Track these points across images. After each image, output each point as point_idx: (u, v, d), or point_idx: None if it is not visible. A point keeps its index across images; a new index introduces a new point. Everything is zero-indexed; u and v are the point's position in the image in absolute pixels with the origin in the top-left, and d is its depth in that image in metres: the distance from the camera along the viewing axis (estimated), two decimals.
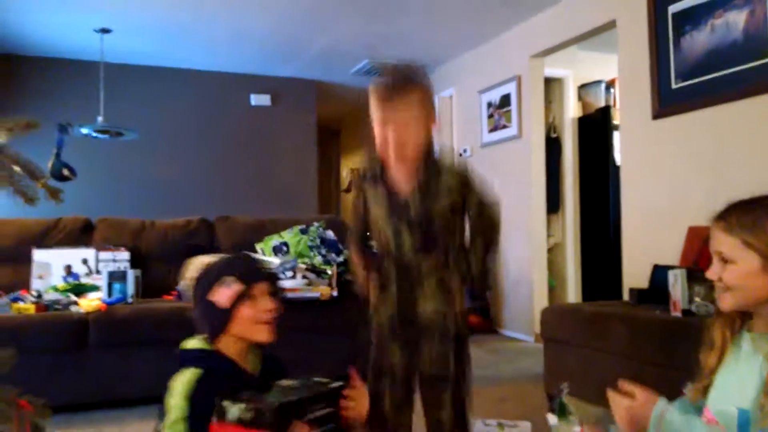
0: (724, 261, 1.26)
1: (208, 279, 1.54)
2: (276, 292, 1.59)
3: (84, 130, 4.90)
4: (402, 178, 1.83)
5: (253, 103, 6.40)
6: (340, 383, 1.54)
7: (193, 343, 1.55)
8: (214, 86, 6.24)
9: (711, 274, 1.30)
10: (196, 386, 1.40)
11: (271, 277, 1.61)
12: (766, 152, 3.04)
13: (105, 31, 4.99)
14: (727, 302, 1.29)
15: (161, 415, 1.44)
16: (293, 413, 1.34)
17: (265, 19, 4.85)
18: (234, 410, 1.32)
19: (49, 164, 4.36)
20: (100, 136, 5.01)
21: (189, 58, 5.85)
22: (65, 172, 4.36)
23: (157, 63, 5.94)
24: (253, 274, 1.56)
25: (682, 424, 1.25)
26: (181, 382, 1.40)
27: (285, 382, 1.51)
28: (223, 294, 1.49)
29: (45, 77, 5.47)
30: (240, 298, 1.50)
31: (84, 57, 5.50)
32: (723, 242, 1.27)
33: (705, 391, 1.34)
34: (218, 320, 1.50)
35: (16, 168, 1.15)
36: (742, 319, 1.33)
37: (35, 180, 1.20)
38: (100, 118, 4.98)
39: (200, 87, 6.18)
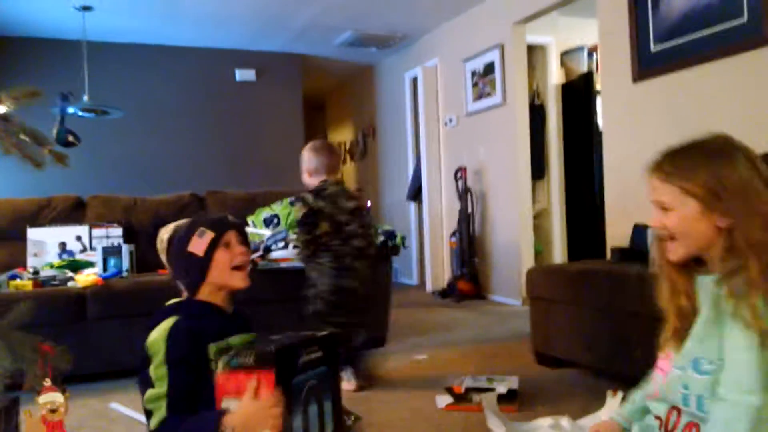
0: (665, 209, 1.29)
1: (183, 234, 1.63)
2: (245, 240, 1.70)
3: (69, 109, 4.90)
4: None
5: (238, 78, 6.40)
6: (330, 331, 1.66)
7: (170, 302, 1.65)
8: (198, 62, 6.23)
9: (653, 222, 1.33)
10: (173, 330, 1.49)
11: (239, 226, 1.72)
12: (744, 110, 3.13)
13: (86, 8, 4.96)
14: (676, 252, 1.30)
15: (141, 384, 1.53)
16: (290, 356, 1.43)
17: None
18: (236, 358, 1.41)
19: (54, 131, 4.43)
20: (85, 114, 5.01)
21: (173, 34, 5.83)
22: (70, 138, 4.44)
23: (141, 40, 5.92)
24: (223, 223, 1.66)
25: None
26: (161, 329, 1.50)
27: (275, 335, 1.61)
28: (199, 244, 1.59)
29: (28, 57, 5.44)
30: (214, 245, 1.60)
31: (66, 36, 5.46)
32: (661, 191, 1.29)
33: (675, 338, 1.35)
34: (198, 269, 1.60)
35: (23, 135, 1.21)
36: (691, 268, 1.34)
37: (42, 146, 1.27)
38: (85, 97, 4.98)
39: (185, 63, 6.17)
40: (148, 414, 1.49)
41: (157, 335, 1.51)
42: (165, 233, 1.68)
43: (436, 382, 2.69)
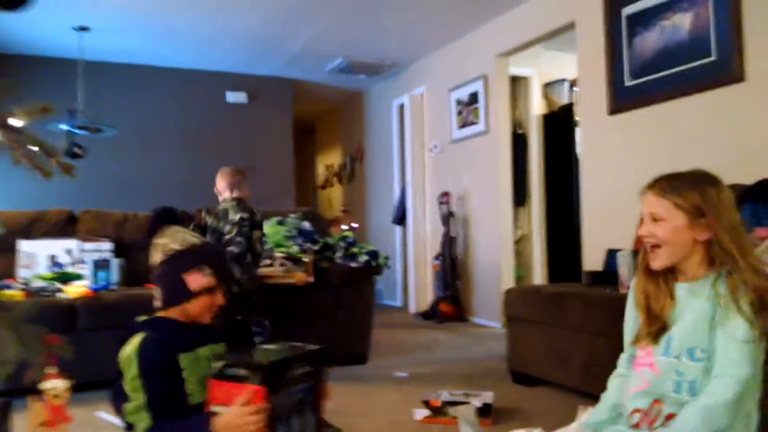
0: (656, 221, 1.51)
1: (189, 260, 1.71)
2: (227, 293, 1.83)
3: (63, 126, 5.00)
4: None
5: (229, 100, 6.54)
6: (318, 346, 1.75)
7: (138, 319, 1.75)
8: (191, 84, 6.37)
9: (643, 231, 1.55)
10: (144, 344, 1.58)
11: (231, 280, 1.83)
12: (711, 143, 3.31)
13: (84, 29, 5.10)
14: (659, 259, 1.52)
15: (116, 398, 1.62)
16: (281, 370, 1.53)
17: (243, 18, 5.01)
18: (228, 369, 1.50)
19: (62, 144, 4.65)
20: (79, 132, 5.11)
21: (167, 55, 5.97)
22: (76, 150, 4.70)
23: (136, 60, 6.06)
24: (224, 273, 1.80)
25: None
26: (132, 344, 1.59)
27: (267, 346, 1.71)
28: (197, 280, 1.69)
29: (26, 74, 5.55)
30: (207, 289, 1.71)
31: (63, 55, 5.59)
32: (655, 204, 1.52)
33: (648, 336, 1.54)
34: (181, 296, 1.71)
35: (34, 147, 1.32)
36: (664, 277, 1.56)
37: (50, 157, 1.37)
38: (67, 121, 5.07)
39: (178, 84, 6.31)
40: (130, 427, 1.57)
41: (129, 351, 1.60)
42: (172, 241, 1.74)
43: (414, 397, 2.79)
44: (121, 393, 1.58)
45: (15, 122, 1.31)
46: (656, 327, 1.53)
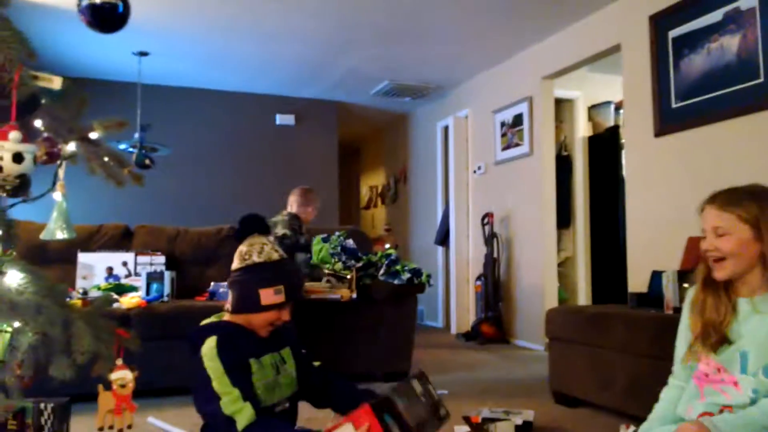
0: (719, 235, 1.54)
1: (266, 275, 1.78)
2: (293, 312, 1.90)
3: (122, 146, 5.25)
4: None
5: (278, 122, 6.74)
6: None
7: (206, 321, 1.83)
8: (242, 106, 6.60)
9: (706, 245, 1.57)
10: (219, 347, 1.66)
11: (299, 300, 1.90)
12: (757, 166, 3.26)
13: (143, 54, 5.37)
14: (724, 270, 1.54)
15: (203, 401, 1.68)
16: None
17: (292, 44, 5.19)
18: (388, 414, 1.54)
19: (134, 156, 4.93)
20: (136, 151, 5.34)
21: (220, 79, 6.21)
22: (147, 161, 4.98)
23: (190, 84, 6.32)
24: (296, 293, 1.85)
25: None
26: (208, 348, 1.67)
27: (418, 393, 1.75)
28: (270, 296, 1.76)
29: (88, 97, 5.83)
30: (275, 306, 1.78)
31: (123, 78, 5.88)
32: (719, 218, 1.55)
33: (713, 346, 1.55)
34: (250, 307, 1.78)
35: (107, 158, 1.44)
36: (725, 290, 1.58)
37: (122, 167, 1.50)
38: (136, 135, 5.32)
39: (229, 106, 6.55)
40: (231, 421, 1.60)
41: (207, 352, 1.67)
42: (257, 253, 1.80)
43: (455, 414, 2.80)
44: (205, 391, 1.63)
45: (93, 135, 1.44)
46: (715, 338, 1.54)
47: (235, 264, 1.82)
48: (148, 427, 2.76)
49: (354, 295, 3.67)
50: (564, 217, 5.53)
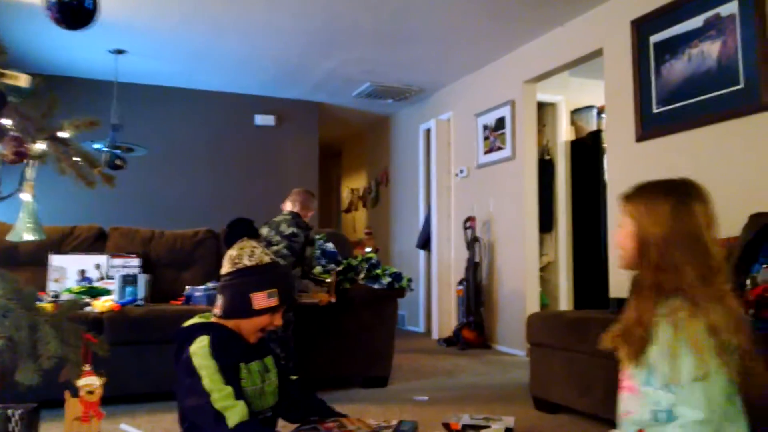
0: (619, 226, 1.55)
1: (258, 279, 1.75)
2: (288, 309, 1.83)
3: (96, 146, 5.13)
4: None
5: (257, 122, 6.66)
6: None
7: (192, 321, 1.77)
8: (221, 106, 6.51)
9: (615, 237, 1.59)
10: (213, 346, 1.61)
11: (292, 305, 1.87)
12: (738, 172, 3.27)
13: (119, 52, 5.27)
14: (619, 261, 1.56)
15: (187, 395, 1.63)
16: None
17: (273, 44, 5.13)
18: None
19: (105, 156, 4.86)
20: (107, 150, 5.24)
21: (198, 78, 6.12)
22: (117, 161, 4.93)
23: (168, 83, 6.22)
24: (289, 299, 1.83)
25: None
26: (199, 347, 1.62)
27: None
28: (263, 300, 1.73)
29: (63, 95, 5.69)
30: (268, 310, 1.74)
31: (99, 77, 5.77)
32: (622, 212, 1.55)
33: (615, 338, 1.52)
34: (243, 312, 1.74)
35: (77, 158, 1.38)
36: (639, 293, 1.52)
37: (93, 167, 1.44)
38: (110, 135, 5.21)
39: (207, 106, 6.46)
40: (221, 416, 1.55)
41: (199, 351, 1.62)
42: (247, 257, 1.75)
43: (434, 421, 2.76)
44: (193, 390, 1.59)
45: (63, 134, 1.39)
46: (626, 350, 1.48)
47: (226, 268, 1.78)
48: None
49: (333, 300, 3.62)
50: (546, 222, 5.53)
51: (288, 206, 3.65)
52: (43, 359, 1.40)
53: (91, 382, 1.61)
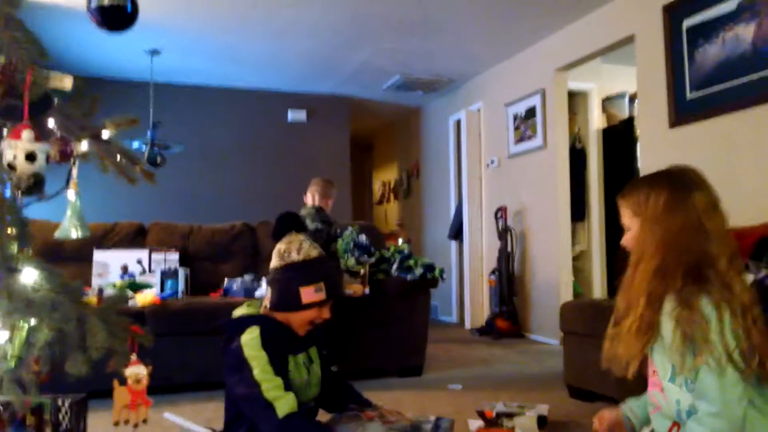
0: (627, 230, 1.51)
1: (306, 274, 1.79)
2: (333, 308, 1.89)
3: (135, 144, 5.28)
4: None
5: (289, 118, 6.75)
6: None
7: (240, 311, 1.83)
8: (254, 103, 6.62)
9: (623, 242, 1.55)
10: (264, 336, 1.66)
11: (339, 297, 1.90)
12: None
13: (155, 52, 5.39)
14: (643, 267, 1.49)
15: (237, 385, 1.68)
16: None
17: (303, 39, 5.19)
18: None
19: (145, 153, 5.00)
20: (147, 149, 5.38)
21: (231, 76, 6.23)
22: (158, 159, 5.06)
23: (202, 82, 6.34)
24: (337, 290, 1.86)
25: None
26: (250, 338, 1.67)
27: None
28: (310, 295, 1.77)
29: (101, 96, 5.88)
30: (316, 304, 1.78)
31: (135, 77, 5.92)
32: (623, 215, 1.52)
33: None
34: (291, 305, 1.78)
35: (119, 156, 1.46)
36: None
37: (135, 165, 1.51)
38: (149, 133, 5.35)
39: (241, 103, 6.57)
40: (270, 406, 1.61)
41: (251, 342, 1.68)
42: (296, 251, 1.80)
43: (468, 409, 2.80)
44: (243, 379, 1.64)
45: (105, 134, 1.46)
46: (642, 343, 1.48)
47: (275, 262, 1.82)
48: (165, 423, 2.78)
49: (367, 291, 3.68)
50: (578, 211, 5.49)
51: (309, 199, 3.71)
52: (92, 350, 1.47)
53: (138, 371, 1.69)
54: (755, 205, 3.21)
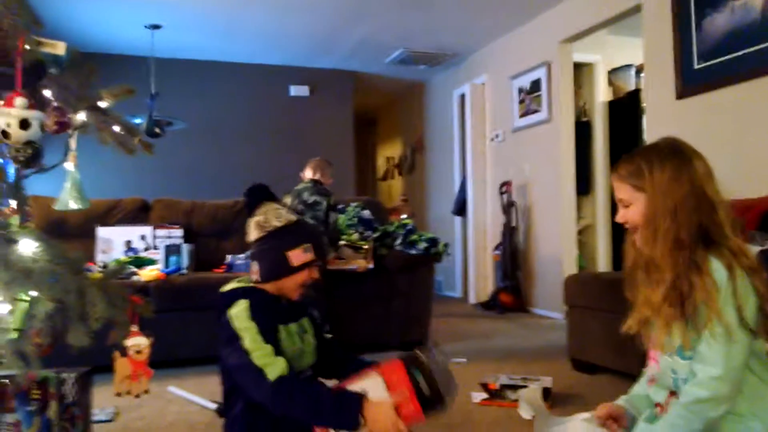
0: (625, 206, 1.47)
1: (292, 237, 1.78)
2: (321, 268, 1.85)
3: (137, 120, 5.25)
4: None
5: (292, 93, 6.69)
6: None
7: (231, 285, 1.82)
8: (255, 78, 6.56)
9: (619, 218, 1.50)
10: (253, 309, 1.65)
11: (326, 256, 1.89)
12: None
13: (155, 27, 5.34)
14: (639, 240, 1.47)
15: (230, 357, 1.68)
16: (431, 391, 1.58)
17: (305, 13, 5.12)
18: (417, 372, 1.55)
19: (143, 124, 4.91)
20: (145, 120, 5.33)
21: (233, 51, 6.17)
22: (156, 130, 4.96)
23: (203, 57, 6.29)
24: (322, 251, 1.86)
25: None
26: (240, 310, 1.66)
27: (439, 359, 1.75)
28: (299, 256, 1.76)
29: (101, 71, 5.84)
30: (306, 265, 1.78)
31: (136, 52, 5.86)
32: (619, 190, 1.47)
33: (642, 323, 1.50)
34: (282, 272, 1.77)
35: (117, 127, 1.44)
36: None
37: (133, 136, 1.49)
38: (148, 102, 5.30)
39: (243, 79, 6.52)
40: (261, 373, 1.59)
41: (240, 314, 1.66)
42: (275, 218, 1.80)
43: (472, 382, 2.81)
44: (234, 351, 1.63)
45: (102, 104, 1.44)
46: (638, 317, 1.49)
47: (255, 234, 1.81)
48: (169, 396, 2.81)
49: (370, 266, 3.67)
50: (583, 185, 5.46)
51: (308, 174, 3.71)
52: (92, 321, 1.47)
53: (138, 342, 1.69)
54: (762, 177, 3.18)
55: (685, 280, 1.34)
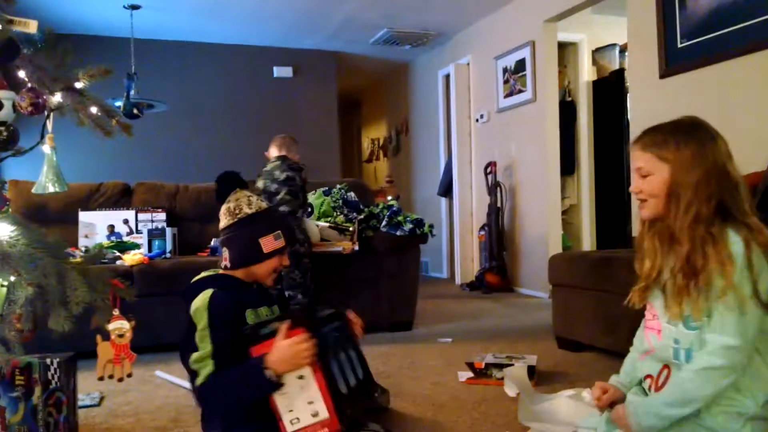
0: (643, 176, 1.49)
1: (263, 224, 1.80)
2: (290, 255, 1.93)
3: (117, 103, 5.16)
4: None
5: (275, 74, 6.62)
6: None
7: (201, 276, 1.81)
8: (238, 59, 6.47)
9: (633, 187, 1.53)
10: (213, 299, 1.65)
11: (296, 242, 1.91)
12: (766, 105, 3.18)
13: (134, 7, 5.23)
14: (646, 210, 1.50)
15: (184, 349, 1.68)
16: (309, 312, 1.66)
17: None
18: (261, 330, 1.61)
19: (121, 105, 4.80)
20: (123, 100, 5.25)
21: (214, 32, 6.07)
22: (135, 111, 4.85)
23: (184, 38, 6.19)
24: (293, 237, 1.90)
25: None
26: (200, 301, 1.66)
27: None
28: (271, 243, 1.78)
29: (79, 53, 5.72)
30: (277, 251, 1.80)
31: (115, 33, 5.76)
32: (641, 159, 1.49)
33: (643, 293, 1.55)
34: (253, 258, 1.79)
35: (94, 108, 1.40)
36: (659, 234, 1.51)
37: (111, 117, 1.46)
38: (132, 91, 5.23)
39: (225, 60, 6.43)
40: (193, 374, 1.63)
41: (199, 304, 1.67)
42: (246, 205, 1.80)
43: (458, 361, 2.82)
44: (188, 345, 1.64)
45: (78, 85, 1.41)
46: (641, 286, 1.53)
47: (226, 221, 1.81)
48: (156, 381, 2.79)
49: (356, 248, 3.66)
50: (568, 164, 5.47)
51: (274, 152, 3.55)
52: (73, 305, 1.45)
53: (120, 325, 1.68)
54: (746, 155, 3.19)
55: (700, 252, 1.37)
